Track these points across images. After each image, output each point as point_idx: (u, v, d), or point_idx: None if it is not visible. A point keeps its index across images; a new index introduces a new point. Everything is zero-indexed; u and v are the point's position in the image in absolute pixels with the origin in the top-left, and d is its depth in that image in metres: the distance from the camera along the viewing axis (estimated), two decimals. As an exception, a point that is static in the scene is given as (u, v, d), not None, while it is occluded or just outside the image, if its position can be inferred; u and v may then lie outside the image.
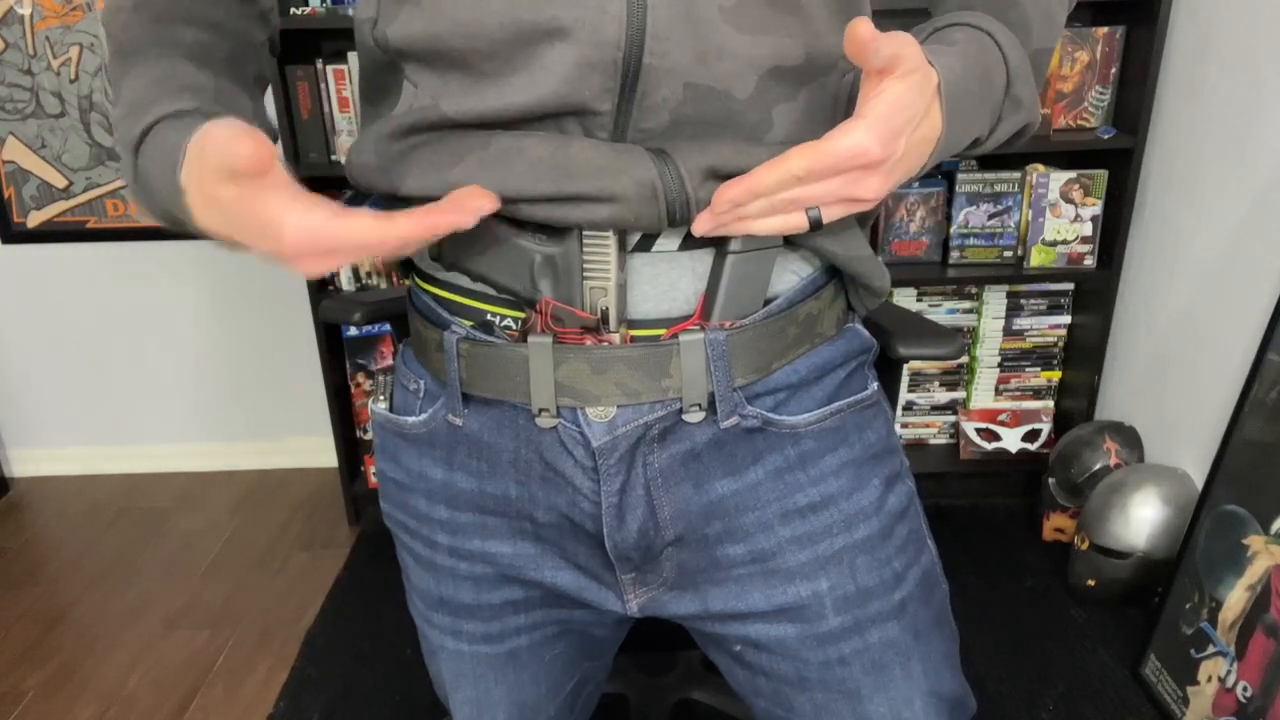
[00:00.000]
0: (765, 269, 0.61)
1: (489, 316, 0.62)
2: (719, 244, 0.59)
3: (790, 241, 0.62)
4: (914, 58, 0.50)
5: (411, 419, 0.67)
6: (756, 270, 0.61)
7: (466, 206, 0.52)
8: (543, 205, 0.56)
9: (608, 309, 0.59)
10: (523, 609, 0.72)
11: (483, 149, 0.56)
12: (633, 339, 0.60)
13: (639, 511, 0.64)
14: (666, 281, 0.60)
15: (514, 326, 0.61)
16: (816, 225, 0.54)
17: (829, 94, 0.61)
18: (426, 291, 0.66)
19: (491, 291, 0.61)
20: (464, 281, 0.63)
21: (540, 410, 0.61)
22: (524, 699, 0.76)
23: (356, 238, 0.51)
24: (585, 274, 0.58)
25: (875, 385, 0.70)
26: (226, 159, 0.49)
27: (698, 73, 0.54)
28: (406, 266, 0.69)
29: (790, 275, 0.64)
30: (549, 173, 0.55)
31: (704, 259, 0.60)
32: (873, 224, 1.97)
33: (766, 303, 0.62)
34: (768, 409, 0.63)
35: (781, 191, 0.53)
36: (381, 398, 0.72)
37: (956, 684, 0.74)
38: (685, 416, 0.61)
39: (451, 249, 0.60)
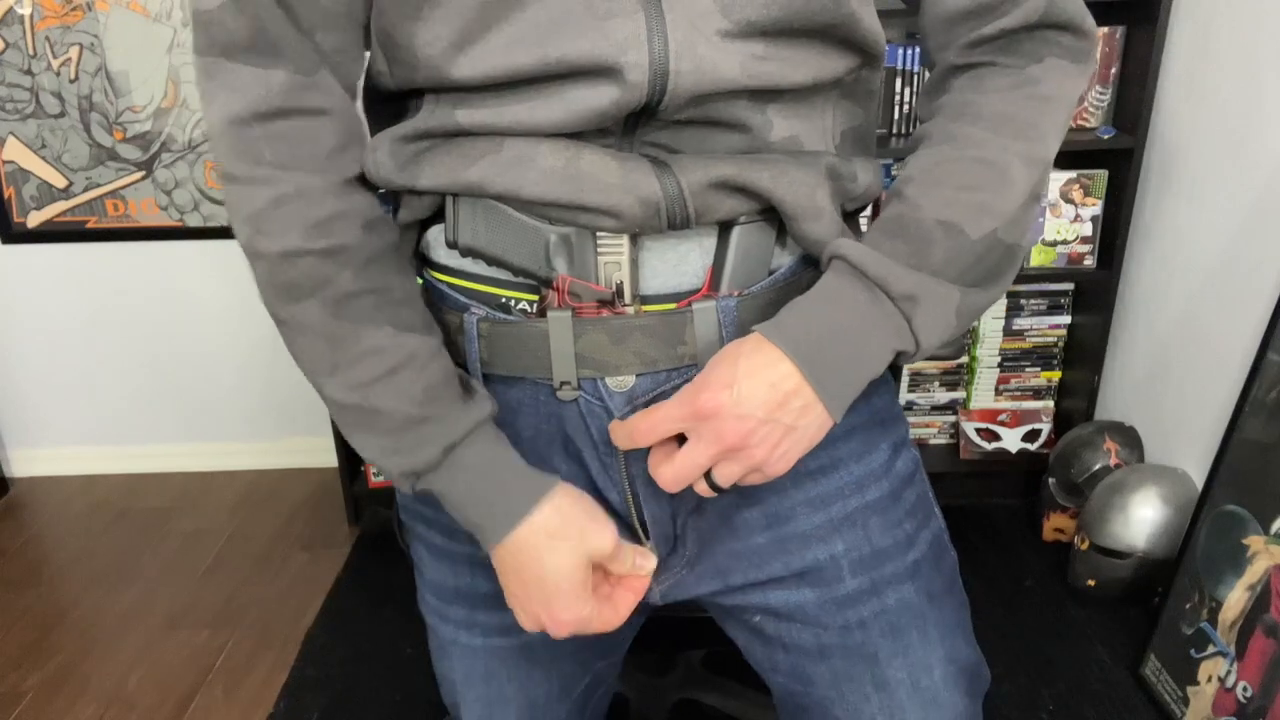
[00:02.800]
0: (769, 239, 0.63)
1: (504, 300, 0.64)
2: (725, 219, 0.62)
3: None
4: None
5: None
6: (760, 241, 0.63)
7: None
8: (555, 209, 0.59)
9: (622, 283, 0.61)
10: None
11: (495, 152, 0.58)
12: (646, 312, 0.62)
13: None
14: (675, 256, 0.62)
15: (530, 310, 0.63)
16: (716, 490, 0.60)
17: (823, 95, 0.63)
18: (442, 281, 0.67)
19: (505, 277, 0.63)
20: (479, 269, 0.64)
21: (562, 383, 0.62)
22: (536, 698, 0.77)
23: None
24: (599, 250, 0.60)
25: None
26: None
27: (708, 102, 0.58)
28: (420, 260, 0.70)
29: (794, 246, 0.66)
30: (561, 183, 0.57)
31: (710, 233, 0.62)
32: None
33: (771, 273, 0.64)
34: None
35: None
36: None
37: (971, 652, 0.74)
38: None
39: (467, 234, 0.61)
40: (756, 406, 0.56)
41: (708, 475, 0.60)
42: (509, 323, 0.63)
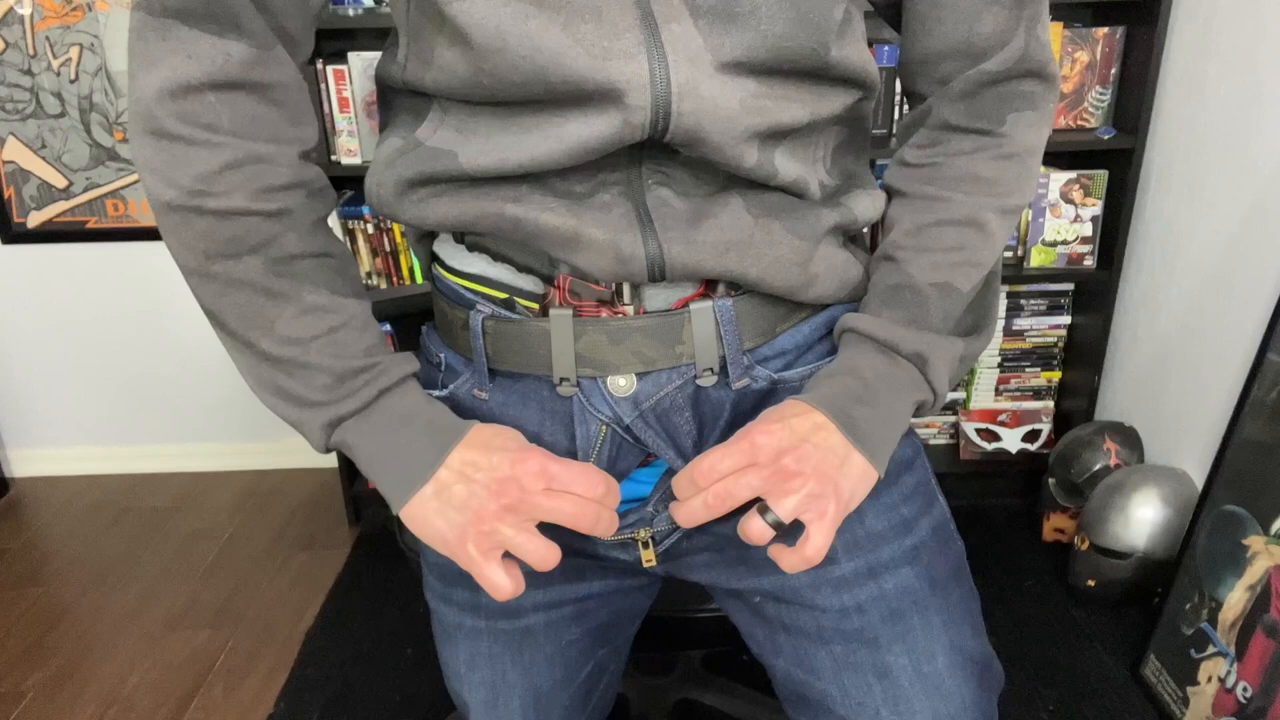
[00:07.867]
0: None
1: (508, 300, 0.66)
2: None
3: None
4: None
5: (436, 392, 0.70)
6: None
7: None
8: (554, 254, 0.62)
9: (621, 283, 0.62)
10: (542, 582, 0.74)
11: (499, 213, 0.60)
12: (645, 312, 0.64)
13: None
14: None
15: (534, 306, 0.65)
16: (778, 527, 0.60)
17: (822, 133, 0.66)
18: (449, 280, 0.69)
19: (510, 280, 0.65)
20: (485, 271, 0.66)
21: (561, 379, 0.64)
22: (539, 685, 0.77)
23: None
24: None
25: None
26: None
27: (710, 145, 0.58)
28: (430, 257, 0.72)
29: None
30: (559, 244, 0.60)
31: None
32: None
33: None
34: (776, 371, 0.67)
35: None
36: None
37: (980, 645, 0.73)
38: (699, 381, 0.65)
39: (473, 235, 0.64)
40: (805, 437, 0.60)
41: (765, 514, 0.60)
42: (513, 321, 0.64)
